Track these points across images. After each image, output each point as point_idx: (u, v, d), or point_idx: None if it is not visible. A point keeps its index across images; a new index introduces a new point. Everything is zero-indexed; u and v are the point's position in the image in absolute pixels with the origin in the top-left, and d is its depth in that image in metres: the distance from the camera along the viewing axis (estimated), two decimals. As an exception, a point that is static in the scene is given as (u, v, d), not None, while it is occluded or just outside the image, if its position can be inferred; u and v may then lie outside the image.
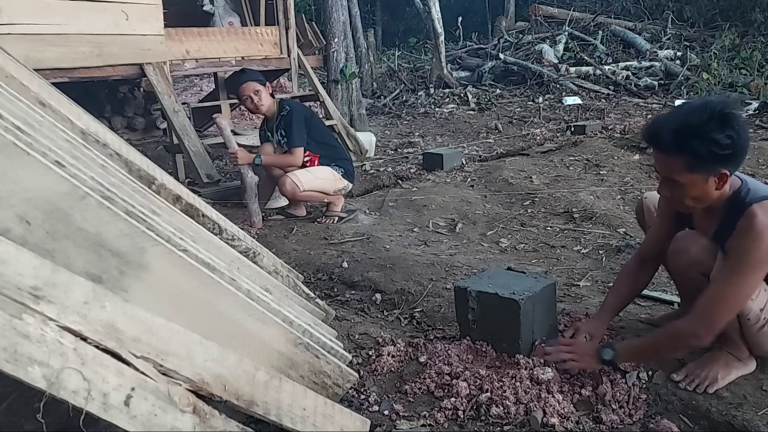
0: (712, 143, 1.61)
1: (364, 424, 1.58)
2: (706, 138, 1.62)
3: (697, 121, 1.63)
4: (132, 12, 4.73)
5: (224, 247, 2.06)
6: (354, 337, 2.28)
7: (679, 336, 1.76)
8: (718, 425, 1.74)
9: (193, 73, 5.80)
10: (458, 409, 1.82)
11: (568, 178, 4.71)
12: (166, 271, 1.44)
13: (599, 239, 3.42)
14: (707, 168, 1.67)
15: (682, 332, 1.74)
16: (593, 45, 10.61)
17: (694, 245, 1.83)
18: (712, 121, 1.62)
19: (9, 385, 1.50)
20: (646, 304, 2.56)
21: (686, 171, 1.68)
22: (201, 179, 4.55)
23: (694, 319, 1.71)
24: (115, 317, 1.16)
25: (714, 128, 1.61)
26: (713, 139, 1.61)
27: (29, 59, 3.80)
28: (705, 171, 1.67)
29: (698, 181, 1.69)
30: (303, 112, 3.93)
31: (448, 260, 3.11)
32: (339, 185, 3.97)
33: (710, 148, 1.62)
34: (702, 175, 1.68)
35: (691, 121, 1.64)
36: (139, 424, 1.08)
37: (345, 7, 7.28)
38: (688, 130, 1.64)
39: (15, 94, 1.63)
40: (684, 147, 1.65)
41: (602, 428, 1.75)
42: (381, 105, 9.11)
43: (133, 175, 1.94)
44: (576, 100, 8.03)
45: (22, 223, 1.23)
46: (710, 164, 1.66)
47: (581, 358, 1.88)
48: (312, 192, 3.85)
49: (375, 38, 13.45)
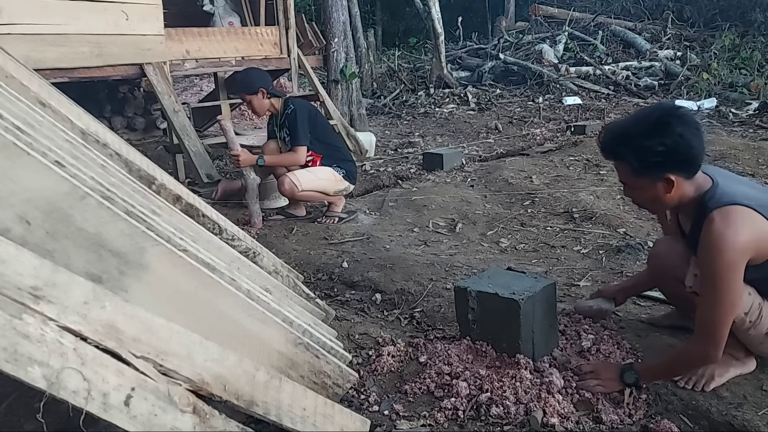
0: (641, 150, 1.64)
1: (364, 424, 1.58)
2: (636, 146, 1.65)
3: (634, 128, 1.67)
4: (132, 12, 4.73)
5: (224, 247, 2.06)
6: (354, 337, 2.28)
7: (692, 359, 1.79)
8: (718, 425, 1.74)
9: (193, 73, 5.80)
10: (458, 409, 1.82)
11: (568, 178, 4.71)
12: (166, 271, 1.44)
13: (599, 239, 3.42)
14: (649, 174, 1.69)
15: (695, 356, 1.77)
16: (593, 45, 10.62)
17: (668, 251, 1.85)
18: (648, 127, 1.65)
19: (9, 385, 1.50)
20: (646, 304, 2.56)
21: (632, 175, 1.72)
22: (201, 179, 4.55)
23: (699, 341, 1.73)
24: (115, 317, 1.16)
25: (647, 135, 1.64)
26: (643, 146, 1.64)
27: (29, 59, 3.80)
28: (648, 176, 1.70)
29: (646, 185, 1.72)
30: (307, 110, 3.93)
31: (448, 260, 3.11)
32: (339, 186, 3.96)
33: (640, 155, 1.65)
34: (647, 179, 1.70)
35: (629, 128, 1.69)
36: (139, 424, 1.08)
37: (345, 7, 7.28)
38: (622, 137, 1.69)
39: (15, 94, 1.63)
40: (617, 154, 1.70)
41: (602, 428, 1.75)
42: (381, 105, 9.11)
43: (133, 175, 1.94)
44: (576, 100, 8.03)
45: (22, 223, 1.23)
46: (649, 170, 1.68)
47: (607, 384, 1.87)
48: (311, 192, 3.85)
49: (375, 38, 13.45)
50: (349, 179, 4.03)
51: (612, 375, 1.88)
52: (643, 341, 2.18)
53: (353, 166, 4.12)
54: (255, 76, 3.95)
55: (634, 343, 2.16)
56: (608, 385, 1.87)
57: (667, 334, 2.21)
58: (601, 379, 1.87)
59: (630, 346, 2.14)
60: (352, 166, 4.08)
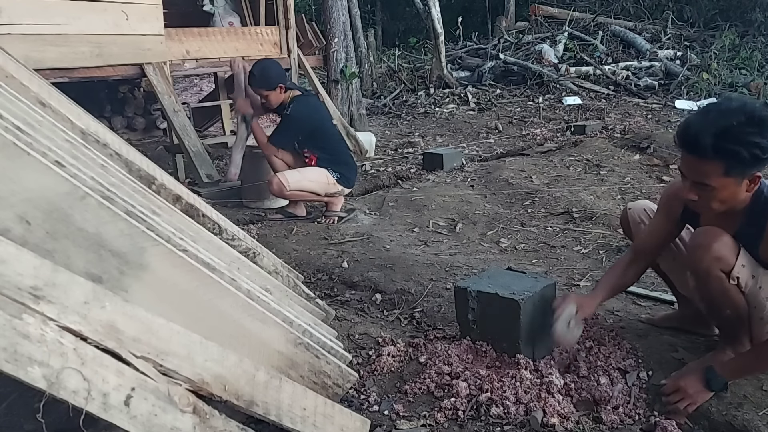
0: (755, 147, 1.59)
1: (364, 424, 1.58)
2: (749, 142, 1.59)
3: (738, 125, 1.60)
4: (132, 12, 4.73)
5: (224, 247, 2.06)
6: (354, 337, 2.28)
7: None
8: (718, 425, 1.74)
9: (193, 73, 5.80)
10: (458, 409, 1.82)
11: (568, 178, 4.71)
12: (166, 271, 1.44)
13: (599, 239, 3.42)
14: (743, 171, 1.65)
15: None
16: (593, 45, 10.61)
17: (716, 241, 1.80)
18: (751, 124, 1.59)
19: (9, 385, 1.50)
20: (647, 304, 2.56)
21: (722, 175, 1.65)
22: (201, 179, 4.55)
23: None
24: (115, 317, 1.16)
25: (755, 132, 1.59)
26: (756, 143, 1.59)
27: (29, 59, 3.80)
28: (740, 174, 1.66)
29: (731, 184, 1.67)
30: (303, 125, 3.87)
31: (448, 260, 3.11)
32: (331, 189, 3.94)
33: (753, 152, 1.60)
34: (736, 178, 1.66)
35: (730, 124, 1.61)
36: (139, 424, 1.08)
37: (345, 7, 7.27)
38: (729, 134, 1.60)
39: (15, 94, 1.63)
40: (726, 152, 1.61)
41: (602, 428, 1.75)
42: (381, 105, 9.10)
43: (133, 175, 1.94)
44: (576, 100, 8.03)
45: (22, 223, 1.23)
46: (748, 168, 1.64)
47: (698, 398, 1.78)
48: (300, 192, 3.85)
49: (375, 38, 13.45)
50: (344, 183, 4.00)
51: (698, 387, 1.77)
52: (643, 341, 2.17)
53: (351, 170, 4.08)
54: (273, 71, 3.89)
55: (634, 343, 2.16)
56: (699, 399, 1.78)
57: (667, 334, 2.21)
58: (690, 396, 1.77)
59: (630, 346, 2.14)
60: (349, 170, 4.05)
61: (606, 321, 2.37)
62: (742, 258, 1.79)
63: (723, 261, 1.79)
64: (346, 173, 4.02)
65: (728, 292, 1.82)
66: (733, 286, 1.80)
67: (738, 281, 1.80)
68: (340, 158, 4.05)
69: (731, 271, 1.79)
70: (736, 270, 1.79)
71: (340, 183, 3.98)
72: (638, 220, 2.16)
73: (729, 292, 1.82)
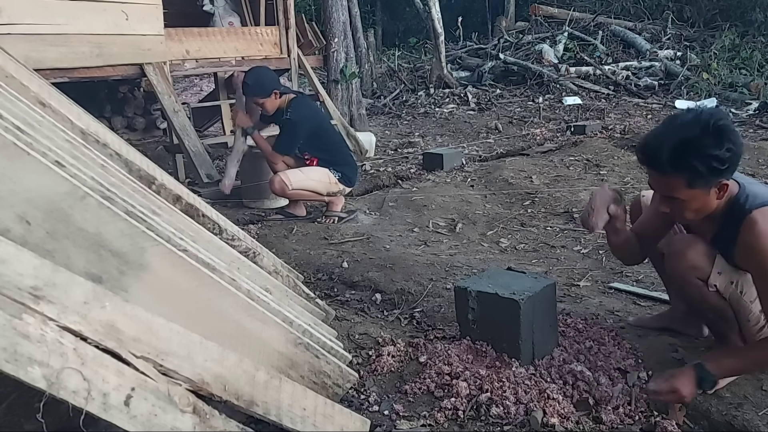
0: (712, 159, 1.59)
1: (364, 424, 1.58)
2: (705, 155, 1.59)
3: (693, 138, 1.60)
4: (132, 12, 4.73)
5: (224, 247, 2.06)
6: (354, 337, 2.28)
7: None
8: (718, 425, 1.74)
9: (193, 73, 5.80)
10: (458, 409, 1.82)
11: (568, 178, 4.71)
12: (166, 271, 1.44)
13: (599, 239, 3.42)
14: (706, 182, 1.65)
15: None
16: (593, 45, 10.61)
17: (691, 250, 1.82)
18: (708, 135, 1.59)
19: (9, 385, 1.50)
20: (647, 304, 2.56)
21: (686, 188, 1.65)
22: (201, 179, 4.55)
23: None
24: (115, 317, 1.16)
25: (711, 143, 1.59)
26: (713, 155, 1.59)
27: (29, 59, 3.80)
28: (704, 185, 1.66)
29: (699, 195, 1.67)
30: (307, 126, 3.88)
31: (448, 260, 3.11)
32: (333, 188, 3.95)
33: (710, 164, 1.59)
34: (702, 189, 1.66)
35: (686, 138, 1.60)
36: (139, 424, 1.08)
37: (345, 7, 7.27)
38: (685, 148, 1.60)
39: (15, 94, 1.63)
40: (683, 167, 1.62)
41: (602, 428, 1.75)
42: (381, 105, 9.10)
43: (133, 175, 1.94)
44: (576, 100, 8.03)
45: (22, 223, 1.23)
46: (711, 178, 1.64)
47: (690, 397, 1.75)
48: (302, 191, 3.86)
49: (375, 38, 13.43)
50: (346, 182, 4.01)
51: (692, 387, 1.73)
52: (643, 341, 2.18)
53: (353, 170, 4.10)
54: (267, 78, 3.91)
55: (634, 343, 2.16)
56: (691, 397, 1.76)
57: (667, 335, 2.21)
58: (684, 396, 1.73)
59: (630, 346, 2.14)
60: (350, 170, 4.06)
61: (606, 321, 2.37)
62: (719, 265, 1.80)
63: (698, 269, 1.81)
64: (348, 173, 4.02)
65: (707, 297, 1.83)
66: (713, 293, 1.81)
67: (717, 288, 1.81)
68: (341, 158, 4.05)
69: (708, 279, 1.80)
70: (713, 278, 1.80)
71: (342, 182, 3.98)
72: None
73: (708, 297, 1.83)
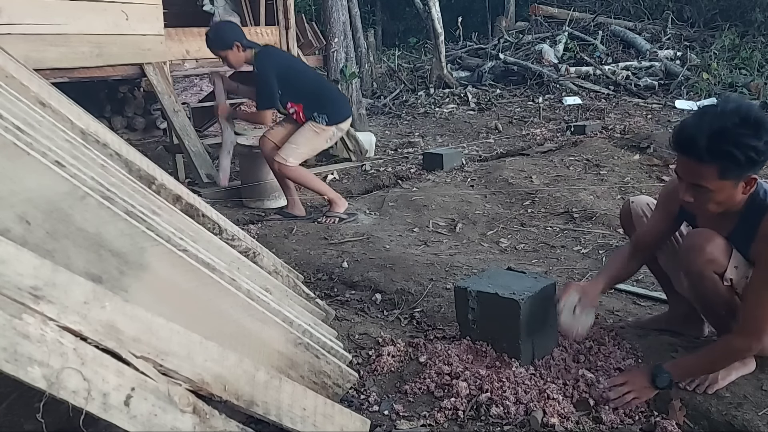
0: (750, 150, 1.59)
1: (364, 424, 1.58)
2: (745, 145, 1.59)
3: (732, 127, 1.60)
4: (132, 12, 4.73)
5: (224, 247, 2.06)
6: (354, 337, 2.28)
7: (735, 352, 1.79)
8: (718, 425, 1.75)
9: (193, 73, 5.80)
10: (458, 409, 1.82)
11: (568, 178, 4.71)
12: (166, 271, 1.44)
13: (599, 239, 3.42)
14: (739, 174, 1.65)
15: (737, 349, 1.77)
16: (593, 45, 10.61)
17: (709, 243, 1.80)
18: (747, 126, 1.59)
19: (9, 385, 1.50)
20: (647, 304, 2.56)
21: (718, 178, 1.65)
22: (201, 179, 4.55)
23: (744, 335, 1.73)
24: (115, 317, 1.16)
25: (750, 134, 1.59)
26: (752, 146, 1.59)
27: (29, 59, 3.80)
28: (736, 177, 1.66)
29: (727, 186, 1.67)
30: (273, 69, 3.80)
31: (448, 260, 3.11)
32: (325, 136, 3.89)
33: (749, 154, 1.59)
34: (732, 181, 1.67)
35: (725, 127, 1.60)
36: (139, 424, 1.08)
37: (345, 7, 7.27)
38: (724, 137, 1.60)
39: (15, 94, 1.63)
40: (721, 155, 1.61)
41: (602, 428, 1.75)
42: (381, 105, 9.09)
43: (133, 175, 1.94)
44: (576, 100, 8.03)
45: (22, 223, 1.23)
46: (743, 170, 1.64)
47: (641, 392, 1.82)
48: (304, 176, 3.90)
49: (375, 38, 13.43)
50: (334, 120, 3.88)
51: (644, 382, 1.82)
52: (643, 341, 2.18)
53: (339, 104, 3.95)
54: (227, 30, 3.85)
55: (634, 343, 2.16)
56: (643, 393, 1.82)
57: (667, 335, 2.21)
58: (635, 389, 1.82)
59: (630, 346, 2.14)
60: (336, 105, 3.92)
61: (606, 321, 2.37)
62: (735, 259, 1.80)
63: (715, 263, 1.80)
64: (334, 110, 3.89)
65: (722, 292, 1.83)
66: (727, 287, 1.82)
67: (731, 282, 1.81)
68: (323, 96, 3.91)
69: (724, 272, 1.80)
70: (729, 272, 1.80)
71: (332, 123, 3.88)
72: (640, 213, 2.16)
73: (722, 292, 1.83)
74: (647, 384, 1.82)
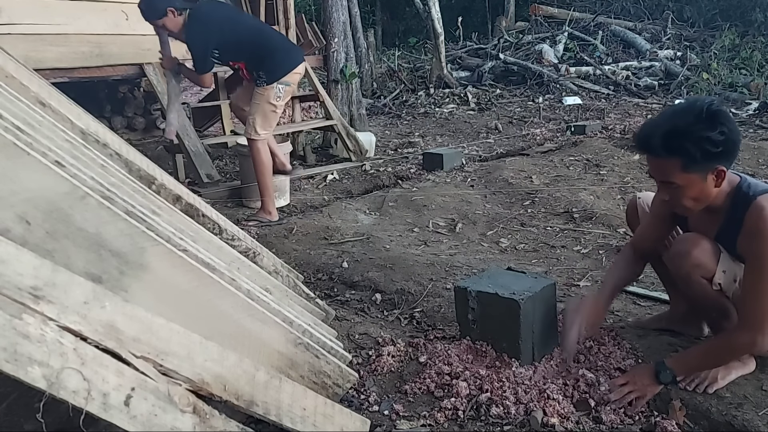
0: (704, 141, 1.62)
1: (364, 424, 1.58)
2: (698, 137, 1.62)
3: (686, 122, 1.64)
4: (132, 12, 4.72)
5: (224, 247, 2.06)
6: (354, 337, 2.28)
7: (738, 348, 1.78)
8: (718, 425, 1.74)
9: (193, 73, 5.77)
10: (458, 409, 1.82)
11: (568, 178, 4.71)
12: (166, 271, 1.44)
13: (599, 239, 3.42)
14: (703, 167, 1.67)
15: (742, 344, 1.75)
16: (593, 45, 10.62)
17: (695, 248, 1.82)
18: (701, 120, 1.63)
19: (9, 385, 1.50)
20: (647, 304, 2.56)
21: (682, 172, 1.68)
22: (201, 179, 4.55)
23: (746, 331, 1.72)
24: (115, 317, 1.16)
25: (704, 127, 1.62)
26: (705, 137, 1.62)
27: (29, 59, 3.80)
28: (701, 170, 1.68)
29: (696, 180, 1.69)
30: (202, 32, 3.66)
31: (448, 260, 3.11)
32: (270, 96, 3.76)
33: (703, 146, 1.62)
34: (698, 174, 1.68)
35: (680, 122, 1.65)
36: (139, 424, 1.08)
37: (345, 7, 7.26)
38: (677, 131, 1.64)
39: (15, 94, 1.63)
40: (675, 149, 1.65)
41: (602, 428, 1.75)
42: (381, 105, 9.09)
43: (133, 175, 1.94)
44: (576, 100, 8.03)
45: (22, 223, 1.23)
46: (705, 162, 1.66)
47: (644, 390, 1.82)
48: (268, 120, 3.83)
49: (375, 38, 13.43)
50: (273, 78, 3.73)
51: (647, 380, 1.81)
52: (643, 341, 2.17)
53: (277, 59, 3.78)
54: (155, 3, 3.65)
55: (634, 343, 2.16)
56: (647, 391, 1.81)
57: (667, 335, 2.21)
58: (638, 389, 1.81)
59: (630, 346, 2.14)
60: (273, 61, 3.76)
61: (606, 321, 2.37)
62: (723, 263, 1.81)
63: (703, 268, 1.82)
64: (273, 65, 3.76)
65: (711, 296, 1.84)
66: (717, 291, 1.82)
67: (720, 287, 1.82)
68: (262, 50, 3.77)
69: (713, 277, 1.81)
70: (717, 276, 1.81)
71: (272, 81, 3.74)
72: (647, 209, 2.16)
73: (712, 296, 1.84)
74: (650, 381, 1.82)
